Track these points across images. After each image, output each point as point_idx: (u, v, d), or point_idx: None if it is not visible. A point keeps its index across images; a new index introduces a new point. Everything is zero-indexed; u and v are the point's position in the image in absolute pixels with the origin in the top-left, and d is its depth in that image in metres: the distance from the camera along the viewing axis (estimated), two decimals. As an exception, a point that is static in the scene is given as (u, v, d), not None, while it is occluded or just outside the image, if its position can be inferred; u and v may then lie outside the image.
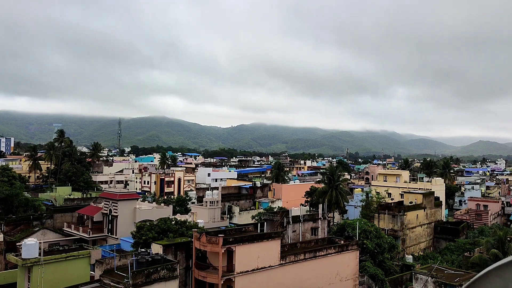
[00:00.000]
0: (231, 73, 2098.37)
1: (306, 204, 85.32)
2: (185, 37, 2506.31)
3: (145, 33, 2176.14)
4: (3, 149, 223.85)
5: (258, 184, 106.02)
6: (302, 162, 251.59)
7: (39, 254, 33.62)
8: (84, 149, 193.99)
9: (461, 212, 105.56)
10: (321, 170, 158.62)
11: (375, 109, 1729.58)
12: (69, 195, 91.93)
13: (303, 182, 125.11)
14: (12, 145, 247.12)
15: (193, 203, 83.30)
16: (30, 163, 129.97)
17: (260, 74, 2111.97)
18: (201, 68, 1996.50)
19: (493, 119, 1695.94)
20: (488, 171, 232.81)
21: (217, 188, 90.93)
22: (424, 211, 78.53)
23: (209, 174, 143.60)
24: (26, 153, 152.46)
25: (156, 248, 37.58)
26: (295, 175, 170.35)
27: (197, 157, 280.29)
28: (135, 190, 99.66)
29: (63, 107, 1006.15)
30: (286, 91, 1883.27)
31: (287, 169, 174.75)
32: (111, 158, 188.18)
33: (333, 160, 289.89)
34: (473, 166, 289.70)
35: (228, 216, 78.37)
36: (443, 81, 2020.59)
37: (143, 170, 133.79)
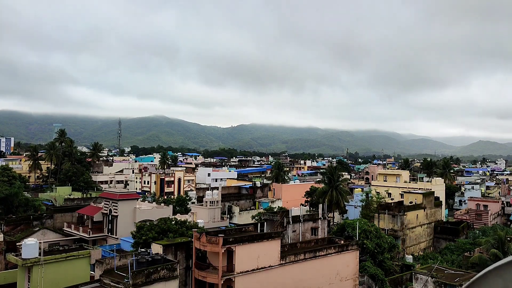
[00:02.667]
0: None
1: (306, 204, 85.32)
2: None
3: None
4: (3, 149, 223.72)
5: (258, 184, 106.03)
6: (302, 162, 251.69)
7: (39, 254, 33.62)
8: (84, 149, 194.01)
9: (461, 212, 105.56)
10: (321, 170, 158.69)
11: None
12: (69, 195, 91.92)
13: (303, 182, 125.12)
14: (12, 145, 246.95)
15: (193, 203, 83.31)
16: (30, 163, 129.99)
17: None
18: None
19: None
20: (488, 171, 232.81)
21: (217, 188, 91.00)
22: (424, 211, 78.53)
23: (209, 174, 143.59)
24: (26, 153, 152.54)
25: (156, 248, 37.57)
26: (295, 175, 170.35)
27: (197, 157, 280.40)
28: (135, 190, 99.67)
29: (63, 107, 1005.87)
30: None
31: (287, 169, 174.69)
32: (111, 158, 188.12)
33: (333, 160, 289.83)
34: (473, 166, 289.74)
35: (228, 216, 78.37)
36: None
37: (143, 170, 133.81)
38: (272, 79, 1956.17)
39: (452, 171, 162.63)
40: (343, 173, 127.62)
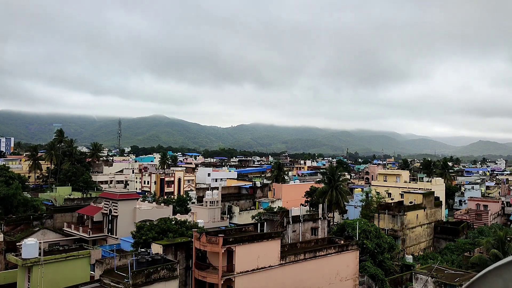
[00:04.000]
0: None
1: (306, 204, 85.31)
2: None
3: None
4: (3, 149, 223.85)
5: (258, 184, 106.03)
6: (302, 162, 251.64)
7: (39, 254, 33.62)
8: (84, 149, 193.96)
9: (461, 212, 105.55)
10: (321, 170, 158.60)
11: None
12: (69, 195, 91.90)
13: (303, 182, 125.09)
14: (12, 145, 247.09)
15: (193, 203, 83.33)
16: (30, 163, 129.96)
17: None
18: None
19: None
20: (488, 171, 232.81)
21: (217, 188, 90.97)
22: (424, 211, 78.53)
23: (209, 174, 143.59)
24: (26, 153, 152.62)
25: (156, 248, 37.57)
26: (295, 175, 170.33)
27: (197, 157, 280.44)
28: (135, 190, 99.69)
29: (63, 107, 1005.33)
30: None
31: (287, 169, 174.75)
32: (111, 158, 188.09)
33: (333, 160, 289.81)
34: (473, 166, 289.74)
35: (228, 216, 78.36)
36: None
37: (143, 170, 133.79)
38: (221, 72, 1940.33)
39: (452, 171, 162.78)
40: (344, 173, 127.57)
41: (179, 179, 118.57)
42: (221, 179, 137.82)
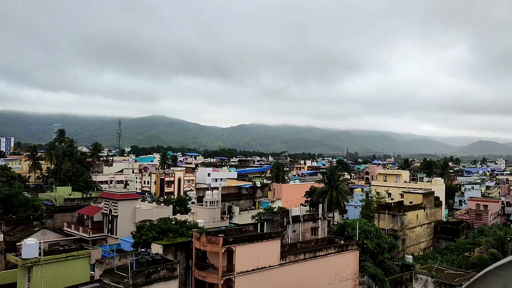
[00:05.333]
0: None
1: (306, 204, 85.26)
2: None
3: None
4: (3, 149, 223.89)
5: (258, 184, 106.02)
6: (302, 162, 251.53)
7: (39, 254, 33.62)
8: (84, 149, 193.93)
9: (461, 212, 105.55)
10: (321, 170, 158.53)
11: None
12: (69, 195, 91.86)
13: (303, 182, 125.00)
14: (12, 145, 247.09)
15: (193, 203, 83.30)
16: (30, 163, 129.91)
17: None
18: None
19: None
20: (488, 171, 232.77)
21: (217, 188, 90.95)
22: (424, 211, 78.52)
23: (209, 174, 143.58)
24: (26, 153, 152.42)
25: (156, 248, 37.58)
26: (295, 175, 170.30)
27: (197, 157, 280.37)
28: (135, 190, 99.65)
29: (63, 107, 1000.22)
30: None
31: (287, 169, 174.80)
32: (111, 158, 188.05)
33: (333, 160, 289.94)
34: (473, 166, 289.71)
35: (228, 216, 78.34)
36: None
37: (143, 170, 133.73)
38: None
39: (452, 171, 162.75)
40: (344, 173, 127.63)
41: (179, 179, 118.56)
42: (221, 179, 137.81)
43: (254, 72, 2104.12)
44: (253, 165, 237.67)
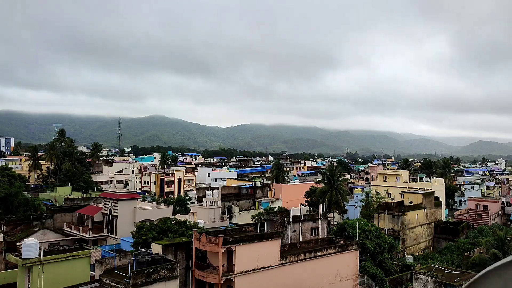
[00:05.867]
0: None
1: (306, 204, 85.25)
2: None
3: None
4: (3, 149, 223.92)
5: (258, 184, 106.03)
6: (302, 162, 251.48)
7: (39, 254, 33.61)
8: (84, 149, 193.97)
9: (461, 212, 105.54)
10: (321, 170, 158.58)
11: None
12: (69, 195, 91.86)
13: (303, 182, 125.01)
14: (12, 145, 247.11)
15: (193, 203, 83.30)
16: (30, 163, 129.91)
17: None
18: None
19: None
20: (488, 171, 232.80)
21: (217, 188, 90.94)
22: (424, 211, 78.52)
23: (209, 174, 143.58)
24: (26, 153, 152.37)
25: (156, 248, 37.58)
26: (295, 175, 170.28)
27: (197, 157, 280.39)
28: (135, 190, 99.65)
29: (63, 107, 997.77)
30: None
31: (287, 169, 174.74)
32: (111, 158, 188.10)
33: (333, 160, 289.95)
34: (473, 166, 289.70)
35: (228, 216, 78.34)
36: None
37: (143, 170, 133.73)
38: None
39: (452, 171, 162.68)
40: (344, 173, 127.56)
41: (179, 179, 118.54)
42: (221, 179, 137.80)
43: (234, 68, 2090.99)
44: (253, 165, 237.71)
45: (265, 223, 55.33)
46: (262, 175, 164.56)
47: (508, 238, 53.39)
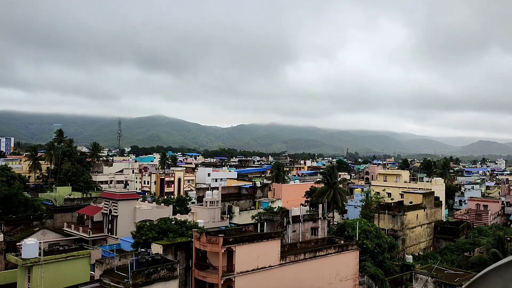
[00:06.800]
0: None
1: (306, 204, 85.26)
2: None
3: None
4: (3, 149, 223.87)
5: (258, 184, 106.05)
6: (302, 162, 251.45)
7: (39, 254, 33.60)
8: (84, 149, 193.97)
9: (461, 212, 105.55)
10: (321, 170, 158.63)
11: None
12: (69, 195, 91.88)
13: (303, 182, 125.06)
14: (12, 145, 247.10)
15: (193, 203, 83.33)
16: (30, 163, 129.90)
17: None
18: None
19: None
20: (488, 171, 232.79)
21: (217, 188, 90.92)
22: (424, 211, 78.51)
23: (209, 174, 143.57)
24: (26, 153, 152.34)
25: (156, 248, 37.57)
26: (295, 175, 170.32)
27: (197, 157, 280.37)
28: (135, 190, 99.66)
29: (63, 107, 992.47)
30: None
31: (287, 169, 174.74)
32: (111, 158, 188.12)
33: (333, 160, 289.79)
34: (473, 166, 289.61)
35: (228, 216, 78.36)
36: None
37: (143, 170, 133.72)
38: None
39: (452, 171, 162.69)
40: (343, 173, 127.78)
41: (179, 179, 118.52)
42: (221, 179, 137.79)
43: (195, 62, 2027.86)
44: (253, 165, 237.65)
45: (265, 223, 55.32)
46: (262, 175, 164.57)
47: (508, 238, 53.42)
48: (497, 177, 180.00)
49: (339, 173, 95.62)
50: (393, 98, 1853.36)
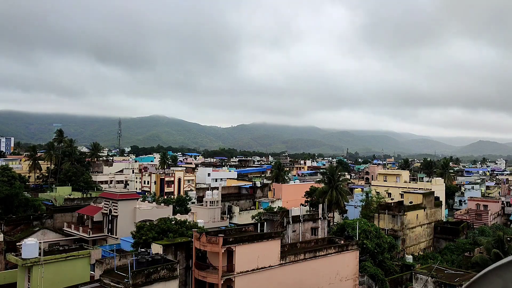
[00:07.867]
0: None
1: (306, 204, 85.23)
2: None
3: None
4: (3, 149, 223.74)
5: (258, 184, 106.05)
6: (302, 162, 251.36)
7: (39, 254, 33.61)
8: (84, 149, 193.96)
9: (461, 212, 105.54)
10: (321, 170, 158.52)
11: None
12: (69, 195, 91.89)
13: (303, 182, 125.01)
14: (12, 145, 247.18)
15: (193, 203, 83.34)
16: (30, 163, 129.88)
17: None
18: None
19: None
20: (488, 171, 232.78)
21: (217, 188, 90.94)
22: (424, 211, 78.50)
23: (209, 174, 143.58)
24: (26, 153, 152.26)
25: (156, 248, 37.57)
26: (295, 175, 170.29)
27: (197, 157, 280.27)
28: (135, 190, 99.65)
29: (63, 107, 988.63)
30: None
31: (287, 169, 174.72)
32: (111, 158, 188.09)
33: (333, 160, 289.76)
34: (473, 166, 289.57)
35: (228, 216, 78.37)
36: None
37: (143, 170, 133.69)
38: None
39: (452, 171, 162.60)
40: (344, 173, 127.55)
41: (179, 179, 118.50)
42: (221, 179, 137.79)
43: (152, 59, 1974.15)
44: (253, 165, 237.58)
45: (265, 223, 55.33)
46: (262, 175, 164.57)
47: (508, 238, 53.41)
48: (497, 177, 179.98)
49: (339, 173, 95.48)
50: (367, 94, 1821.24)
